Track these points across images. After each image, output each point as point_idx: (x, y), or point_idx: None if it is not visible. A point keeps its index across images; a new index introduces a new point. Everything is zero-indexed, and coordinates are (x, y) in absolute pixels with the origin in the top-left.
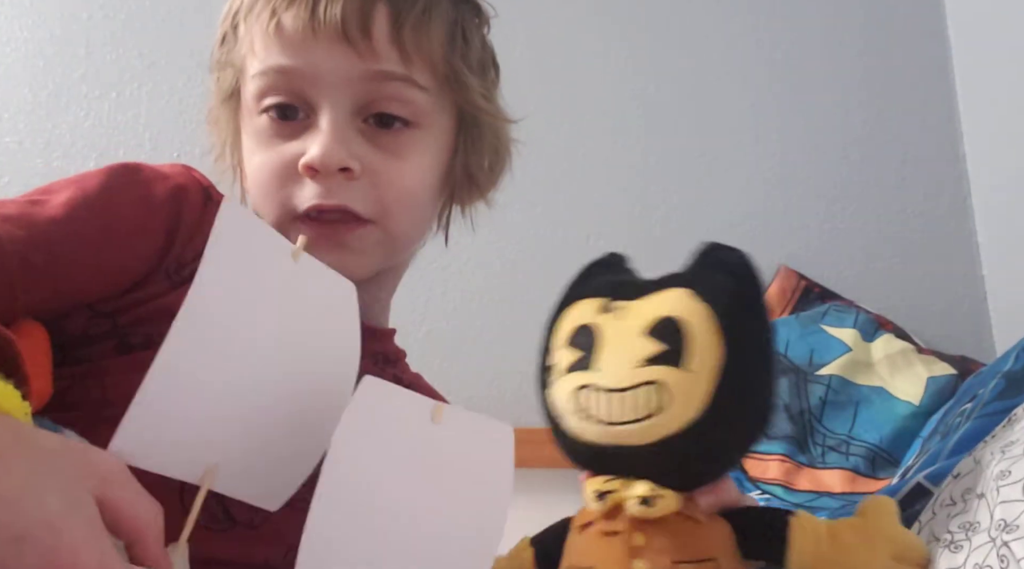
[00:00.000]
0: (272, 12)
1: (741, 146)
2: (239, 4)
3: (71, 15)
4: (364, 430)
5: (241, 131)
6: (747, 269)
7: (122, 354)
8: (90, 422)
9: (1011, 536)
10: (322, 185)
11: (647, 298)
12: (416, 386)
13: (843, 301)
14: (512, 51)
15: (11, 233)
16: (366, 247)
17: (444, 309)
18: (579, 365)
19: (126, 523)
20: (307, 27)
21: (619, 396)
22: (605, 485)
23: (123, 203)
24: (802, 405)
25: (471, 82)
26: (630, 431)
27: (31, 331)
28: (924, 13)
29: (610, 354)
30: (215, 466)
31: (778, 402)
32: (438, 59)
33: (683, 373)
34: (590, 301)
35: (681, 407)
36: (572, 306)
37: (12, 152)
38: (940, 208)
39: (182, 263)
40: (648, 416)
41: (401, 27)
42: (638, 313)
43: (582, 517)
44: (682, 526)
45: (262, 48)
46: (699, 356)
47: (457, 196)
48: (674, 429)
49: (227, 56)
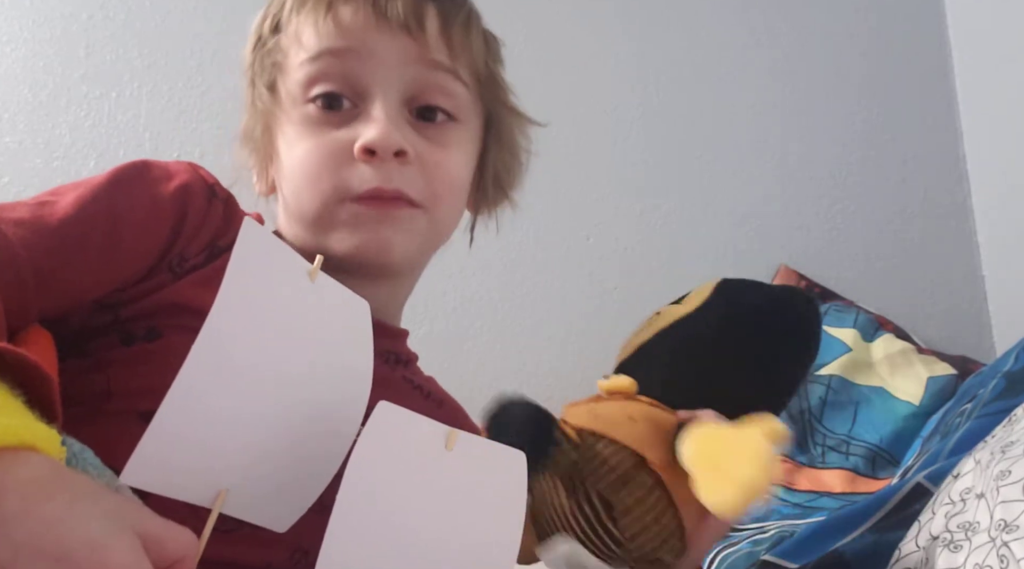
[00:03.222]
0: (328, 6)
1: (741, 146)
2: (278, 7)
3: (71, 15)
4: (379, 456)
5: (276, 126)
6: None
7: (126, 346)
8: (91, 416)
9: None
10: (379, 169)
11: None
12: (429, 389)
13: (843, 301)
14: (512, 50)
15: (24, 238)
16: (413, 228)
17: (444, 309)
18: None
19: (170, 550)
20: (369, 19)
21: None
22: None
23: (130, 202)
24: (802, 405)
25: (505, 84)
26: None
27: (37, 339)
28: (924, 14)
29: None
30: (226, 491)
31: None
32: (479, 60)
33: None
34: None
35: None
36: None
37: (12, 152)
38: (940, 208)
39: (185, 257)
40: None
41: (451, 28)
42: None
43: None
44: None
45: (313, 36)
46: (693, 300)
47: (484, 197)
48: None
49: (265, 57)
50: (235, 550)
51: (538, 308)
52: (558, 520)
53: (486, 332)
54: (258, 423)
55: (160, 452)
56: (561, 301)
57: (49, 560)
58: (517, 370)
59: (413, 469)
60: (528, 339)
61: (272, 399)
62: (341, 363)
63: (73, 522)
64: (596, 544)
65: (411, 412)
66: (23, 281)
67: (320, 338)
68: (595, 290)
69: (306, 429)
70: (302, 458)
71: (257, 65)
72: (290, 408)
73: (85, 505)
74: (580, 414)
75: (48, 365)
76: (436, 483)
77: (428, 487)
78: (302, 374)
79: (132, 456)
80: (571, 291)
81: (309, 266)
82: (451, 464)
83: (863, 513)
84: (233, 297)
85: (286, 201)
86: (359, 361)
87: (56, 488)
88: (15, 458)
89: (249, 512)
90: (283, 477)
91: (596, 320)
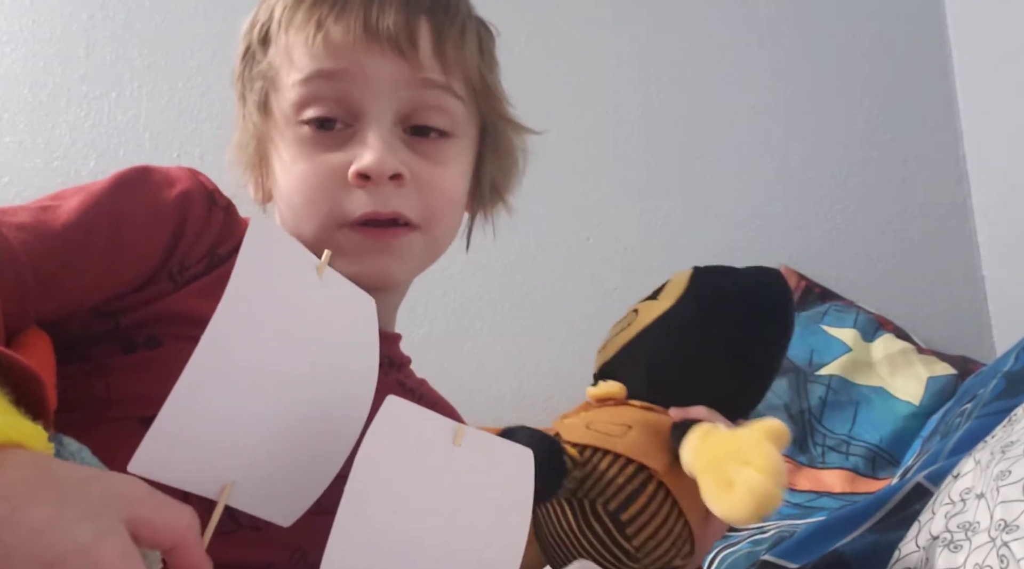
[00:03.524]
0: (318, 24)
1: (741, 146)
2: (267, 16)
3: (71, 15)
4: (387, 450)
5: (269, 142)
6: (760, 294)
7: (127, 353)
8: (91, 421)
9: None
10: (374, 193)
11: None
12: (422, 391)
13: (843, 301)
14: (512, 51)
15: (27, 242)
16: (412, 253)
17: (443, 310)
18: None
19: (164, 535)
20: (359, 38)
21: None
22: (596, 388)
23: (132, 207)
24: (802, 405)
25: (500, 93)
26: (614, 341)
27: (35, 342)
28: (924, 14)
29: None
30: (231, 484)
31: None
32: (473, 72)
33: (656, 302)
34: None
35: (642, 319)
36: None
37: (12, 152)
38: (940, 208)
39: (185, 265)
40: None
41: (444, 42)
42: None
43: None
44: (628, 409)
45: (304, 56)
46: (650, 307)
47: (481, 203)
48: (633, 334)
49: (254, 69)
50: (234, 551)
51: (538, 308)
52: (568, 542)
53: (486, 333)
54: (265, 415)
55: (166, 444)
56: (561, 301)
57: (40, 565)
58: (517, 370)
59: (420, 464)
60: (528, 339)
61: (278, 394)
62: (347, 356)
63: (62, 526)
64: (609, 560)
65: (420, 407)
66: (23, 284)
67: (326, 330)
68: (595, 290)
69: (312, 425)
70: (308, 452)
71: (247, 79)
72: (296, 404)
73: (73, 505)
74: (575, 429)
75: (45, 367)
76: (443, 479)
77: (435, 483)
78: (308, 370)
79: (139, 447)
80: (571, 291)
81: (317, 261)
82: (459, 460)
83: (863, 513)
84: (241, 291)
85: (283, 218)
86: (365, 358)
87: (43, 488)
88: (1, 457)
89: (254, 506)
90: (289, 471)
91: (596, 320)
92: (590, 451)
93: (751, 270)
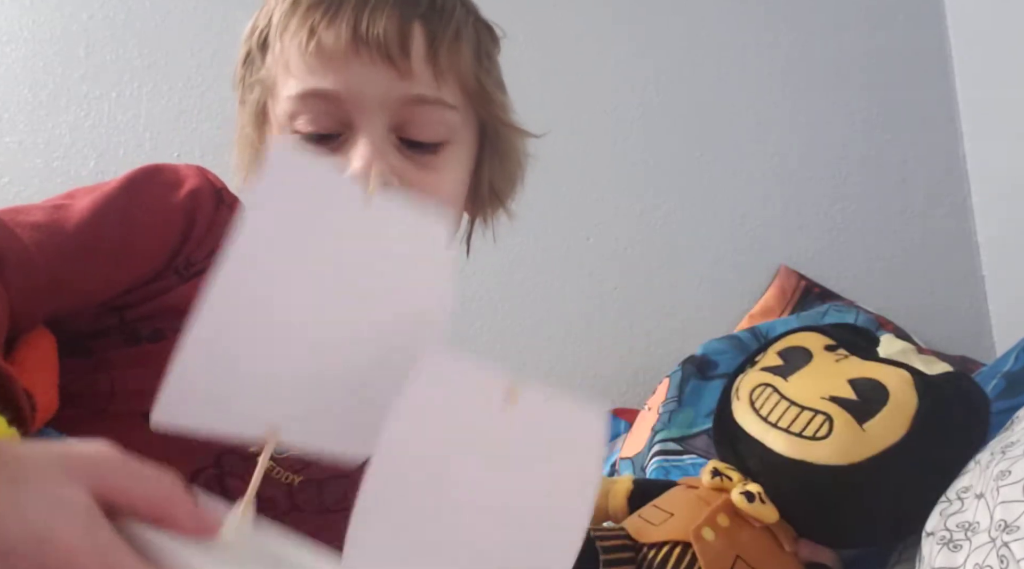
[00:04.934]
0: (311, 31)
1: (741, 146)
2: (266, 22)
3: (71, 15)
4: (427, 408)
5: (265, 146)
6: (974, 407)
7: (130, 347)
8: (94, 416)
9: (1011, 536)
10: None
11: (872, 362)
12: None
13: (843, 301)
14: (512, 51)
15: (40, 242)
16: None
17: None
18: (776, 370)
19: (140, 504)
20: (349, 46)
21: (794, 408)
22: (726, 469)
23: (143, 207)
24: None
25: (497, 98)
26: (782, 439)
27: (39, 342)
28: (924, 14)
29: (807, 377)
30: (278, 424)
31: (913, 529)
32: (468, 77)
33: (856, 428)
34: (821, 336)
35: (834, 451)
36: (804, 332)
37: (12, 152)
38: (940, 208)
39: (192, 261)
40: (800, 434)
41: (437, 48)
42: (855, 366)
43: (692, 481)
44: (764, 539)
45: (299, 67)
46: (880, 428)
47: (480, 208)
48: (818, 461)
49: (255, 74)
50: None
51: (538, 308)
52: None
53: (486, 332)
54: (308, 346)
55: (194, 383)
56: (561, 301)
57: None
58: (517, 370)
59: (467, 426)
60: (528, 339)
61: (324, 319)
62: (411, 279)
63: (11, 516)
64: None
65: (468, 357)
66: (36, 284)
67: (381, 253)
68: (595, 290)
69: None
70: (368, 384)
71: (247, 84)
72: (349, 330)
73: (24, 488)
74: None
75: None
76: (495, 440)
77: (486, 443)
78: (359, 291)
79: (160, 394)
80: (571, 291)
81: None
82: (514, 420)
83: None
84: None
85: None
86: (435, 273)
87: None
88: None
89: (310, 444)
90: (346, 406)
91: (596, 320)
92: None
93: (967, 388)
